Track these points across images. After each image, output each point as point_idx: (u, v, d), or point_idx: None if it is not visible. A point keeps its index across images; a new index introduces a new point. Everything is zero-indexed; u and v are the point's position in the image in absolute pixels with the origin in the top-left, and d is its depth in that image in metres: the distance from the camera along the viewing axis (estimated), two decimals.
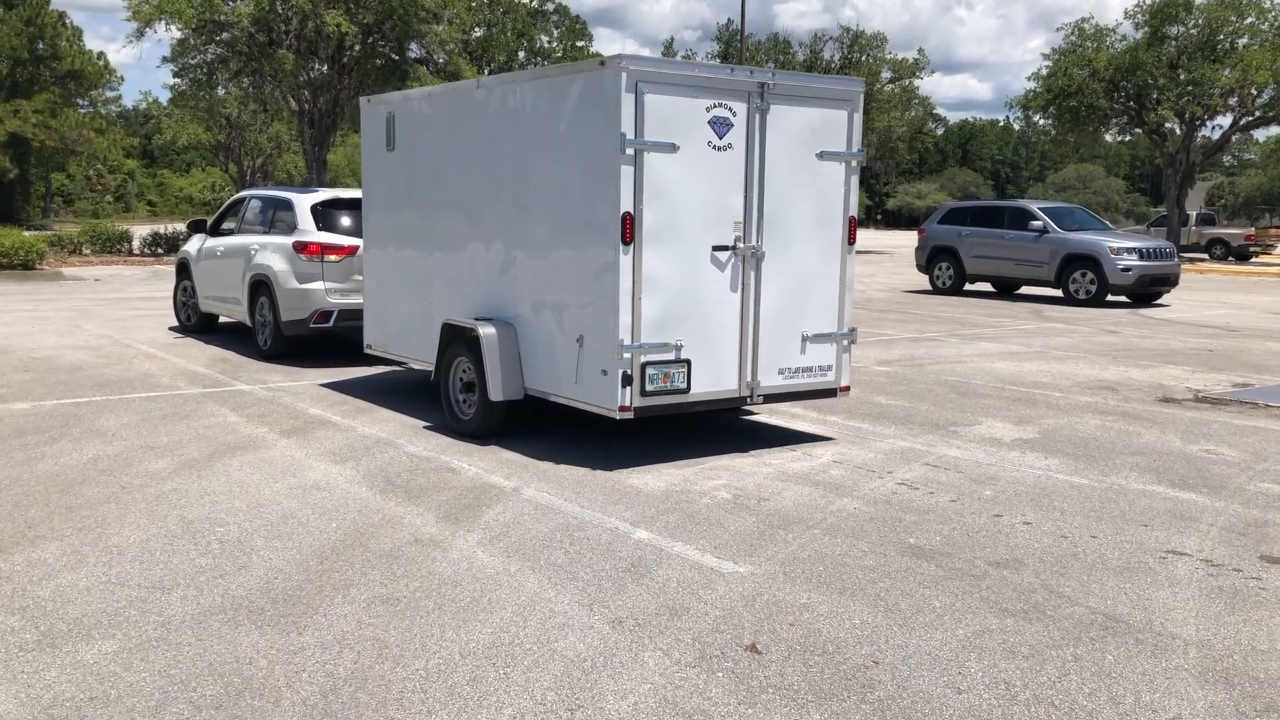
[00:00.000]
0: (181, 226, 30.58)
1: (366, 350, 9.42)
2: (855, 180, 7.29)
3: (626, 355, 6.49)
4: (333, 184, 15.53)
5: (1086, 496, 6.26)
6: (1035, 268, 19.85)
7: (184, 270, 13.50)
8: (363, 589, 4.63)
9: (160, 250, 28.31)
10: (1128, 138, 41.52)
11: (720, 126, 6.68)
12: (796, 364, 7.21)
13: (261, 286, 11.22)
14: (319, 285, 10.66)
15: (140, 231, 30.26)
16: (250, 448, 7.22)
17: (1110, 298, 19.25)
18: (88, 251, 27.33)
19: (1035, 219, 20.01)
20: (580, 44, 41.89)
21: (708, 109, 6.63)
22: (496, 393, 7.28)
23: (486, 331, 7.36)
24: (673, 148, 6.49)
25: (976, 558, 5.11)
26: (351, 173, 72.03)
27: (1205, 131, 36.60)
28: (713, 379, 6.83)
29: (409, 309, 8.73)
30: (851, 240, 7.34)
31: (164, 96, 49.52)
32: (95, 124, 54.89)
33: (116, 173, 77.65)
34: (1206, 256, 37.86)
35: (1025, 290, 21.19)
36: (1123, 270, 18.82)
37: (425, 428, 7.96)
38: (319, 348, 11.50)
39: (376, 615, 4.34)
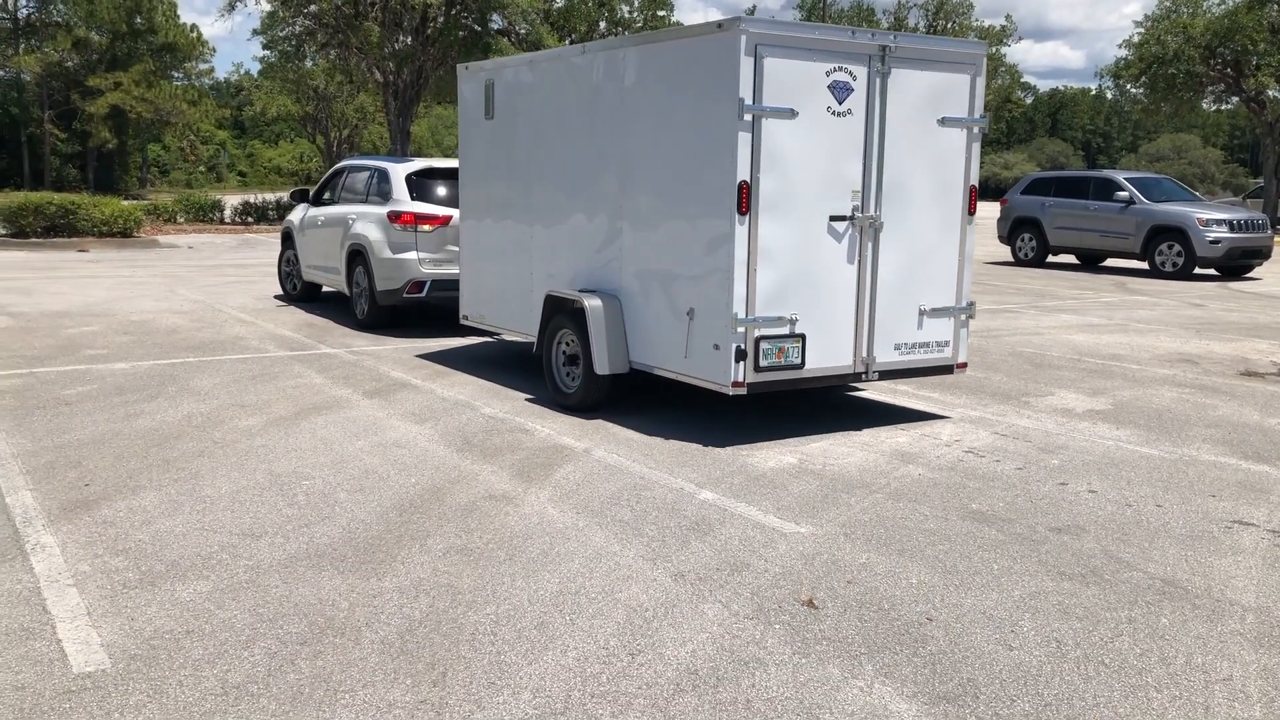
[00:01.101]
0: (270, 196, 31.44)
1: (463, 321, 9.40)
2: (977, 148, 7.05)
3: (740, 329, 6.32)
4: (416, 155, 15.79)
5: (1155, 467, 6.24)
6: (1120, 239, 19.44)
7: (288, 240, 13.59)
8: (439, 540, 4.86)
9: (250, 219, 29.12)
10: (1225, 106, 40.14)
11: (840, 91, 6.46)
12: (913, 339, 6.97)
13: (358, 256, 11.28)
14: (412, 255, 10.63)
15: (231, 201, 31.14)
16: (334, 407, 7.53)
17: (1198, 271, 18.78)
18: (181, 220, 28.23)
19: (1121, 189, 19.58)
20: (661, 14, 41.77)
21: (827, 73, 6.40)
22: (602, 366, 7.15)
23: (592, 304, 7.22)
24: (791, 113, 6.29)
25: (1038, 523, 5.16)
26: (435, 144, 72.96)
27: None
28: (827, 354, 6.64)
29: (507, 280, 8.65)
30: (972, 210, 7.08)
31: (254, 69, 50.66)
32: (189, 96, 56.34)
33: (209, 144, 79.63)
34: None
35: (1110, 263, 20.76)
36: (1211, 243, 18.34)
37: (503, 390, 8.20)
38: (415, 319, 11.61)
39: (451, 564, 4.56)
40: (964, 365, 7.26)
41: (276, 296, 13.81)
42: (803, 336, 6.50)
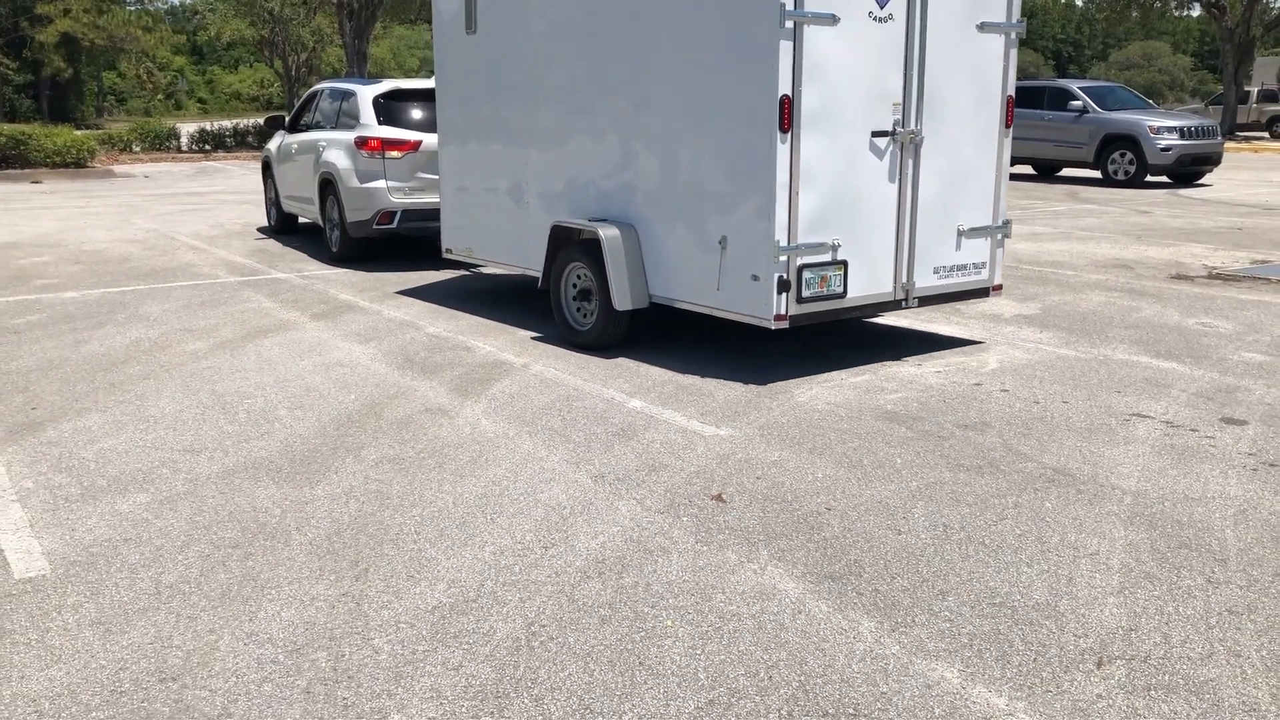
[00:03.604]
0: (228, 123, 31.02)
1: (445, 255, 8.82)
2: (1014, 54, 6.66)
3: (782, 258, 5.87)
4: (378, 77, 15.48)
5: (1069, 366, 6.51)
6: (1074, 149, 19.60)
7: (268, 169, 13.03)
8: (372, 451, 5.07)
9: (208, 147, 28.80)
10: (1188, 13, 39.99)
11: None
12: (951, 261, 6.62)
13: (328, 185, 10.73)
14: (381, 184, 10.10)
15: (189, 129, 30.73)
16: (281, 330, 7.68)
17: (1150, 178, 19.00)
18: (137, 149, 27.90)
19: (1075, 99, 19.68)
20: None
21: None
22: (623, 301, 6.64)
23: (609, 234, 6.67)
24: (833, 19, 5.81)
25: (946, 421, 5.43)
26: (397, 65, 71.65)
27: (1269, 2, 35.17)
28: (868, 281, 6.26)
29: (497, 210, 8.07)
30: (1009, 122, 6.73)
31: None
32: (143, 21, 55.03)
33: (166, 71, 77.97)
34: (1267, 135, 36.81)
35: (1065, 172, 20.94)
36: (1162, 150, 18.54)
37: (448, 311, 8.37)
38: (399, 252, 11.05)
39: (382, 473, 4.78)
40: (999, 288, 6.95)
41: (260, 229, 13.28)
42: (845, 263, 6.10)
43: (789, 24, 5.68)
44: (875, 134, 6.15)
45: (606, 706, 2.96)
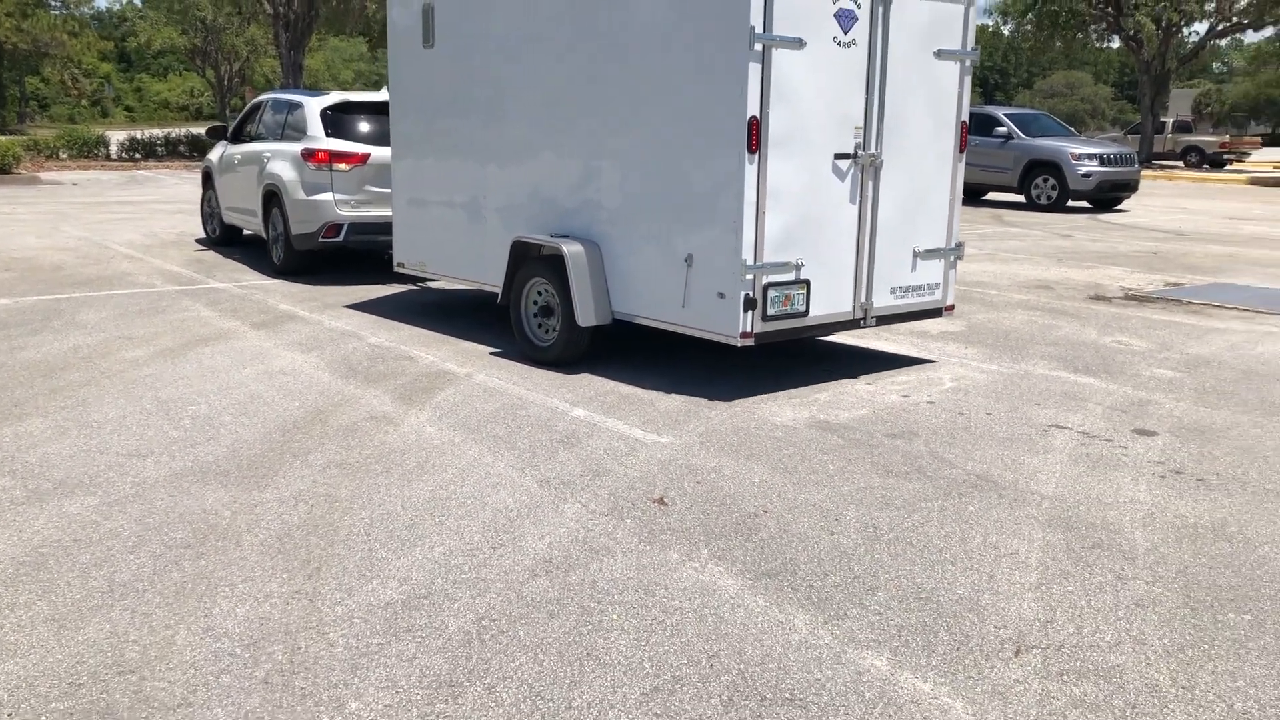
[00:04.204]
0: (159, 132, 30.59)
1: (397, 269, 8.73)
2: (969, 81, 6.87)
3: (749, 276, 5.96)
4: (311, 89, 15.42)
5: (992, 380, 6.80)
6: (999, 173, 20.21)
7: (209, 180, 12.84)
8: (319, 456, 5.15)
9: (138, 155, 28.38)
10: (1107, 45, 41.40)
11: (846, 20, 6.15)
12: (907, 282, 6.79)
13: (273, 197, 10.56)
14: (328, 196, 10.00)
15: (118, 136, 30.24)
16: (222, 339, 7.70)
17: (1071, 203, 19.67)
18: (64, 156, 27.39)
19: (1000, 125, 20.31)
20: None
21: (834, 1, 6.11)
22: (586, 317, 6.67)
23: (573, 250, 6.69)
24: (800, 43, 5.94)
25: (876, 430, 5.66)
26: (331, 78, 71.12)
27: (1184, 37, 36.58)
28: (829, 300, 6.38)
29: (454, 225, 8.03)
30: (962, 147, 6.93)
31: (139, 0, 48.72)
32: (68, 26, 53.98)
33: (92, 77, 76.51)
34: (1182, 164, 38.15)
35: (991, 196, 21.56)
36: (1083, 176, 19.22)
37: (390, 321, 8.45)
38: (336, 264, 10.98)
39: (330, 477, 4.87)
40: (951, 307, 7.13)
41: (199, 240, 13.14)
42: (807, 282, 6.22)
43: (758, 47, 5.79)
44: (838, 156, 6.30)
45: (556, 694, 3.10)
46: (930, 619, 3.56)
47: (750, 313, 6.01)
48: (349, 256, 10.89)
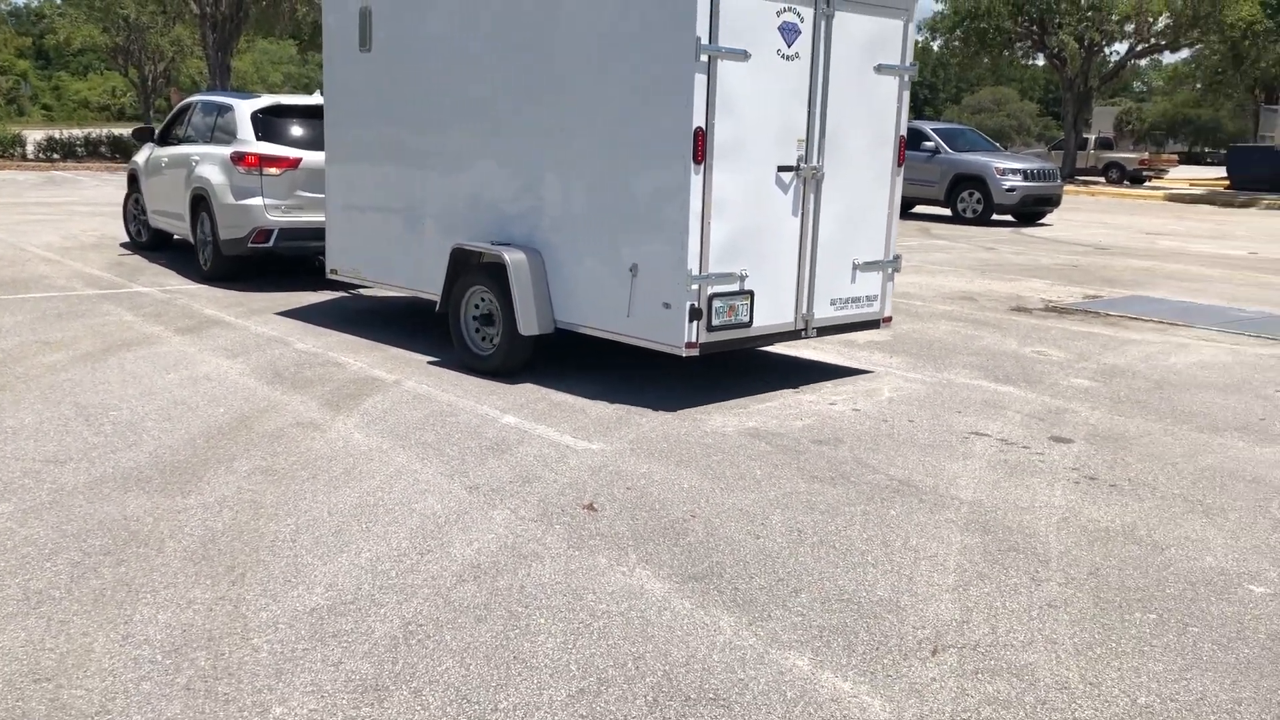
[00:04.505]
0: (79, 132, 29.90)
1: (330, 275, 8.61)
2: (907, 96, 6.96)
3: (694, 287, 5.97)
4: (239, 91, 15.05)
5: (916, 389, 6.95)
6: (927, 187, 20.60)
7: (134, 182, 12.51)
8: (244, 462, 5.10)
9: (56, 156, 27.70)
10: (1032, 62, 42.44)
11: (789, 33, 6.18)
12: (847, 294, 6.85)
13: (201, 201, 10.33)
14: (258, 201, 9.81)
15: (34, 136, 29.49)
16: (144, 344, 7.56)
17: (996, 217, 20.12)
18: None
19: (928, 140, 20.71)
20: None
21: (778, 13, 6.12)
22: (529, 326, 6.63)
23: (515, 258, 6.64)
24: (745, 55, 5.96)
25: (803, 437, 5.76)
26: (260, 79, 70.07)
27: (1106, 56, 37.65)
28: (771, 311, 6.43)
29: (391, 232, 7.93)
30: (900, 161, 7.01)
31: None
32: None
33: (8, 75, 74.49)
34: (1103, 179, 39.19)
35: (918, 209, 21.96)
36: (1007, 190, 19.68)
37: (317, 328, 8.37)
38: (266, 270, 10.74)
39: (255, 483, 4.82)
40: (889, 319, 7.22)
41: (123, 245, 12.77)
42: (751, 293, 6.25)
43: (704, 58, 5.81)
44: (781, 168, 6.33)
45: (482, 697, 3.11)
46: (851, 620, 3.64)
47: (695, 323, 6.03)
48: (280, 262, 10.70)
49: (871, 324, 7.15)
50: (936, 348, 8.29)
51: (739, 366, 7.37)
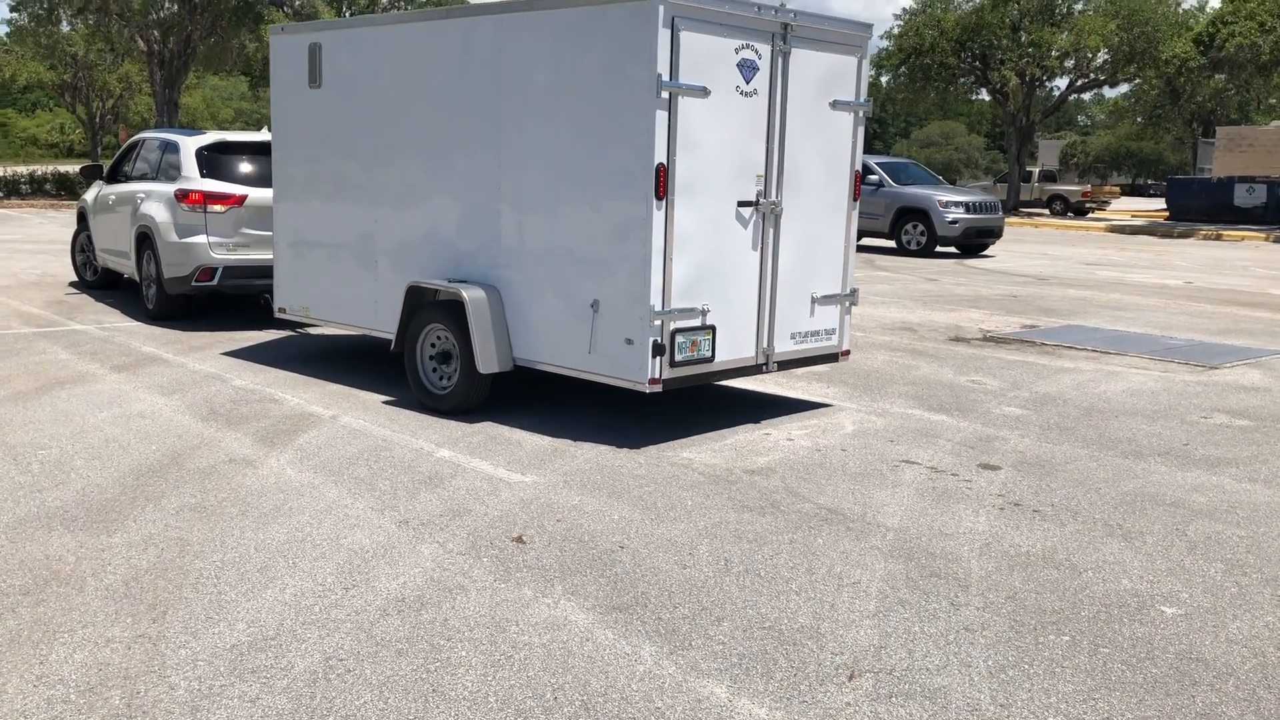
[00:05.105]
0: (23, 169, 29.55)
1: (278, 314, 8.50)
2: (862, 131, 7.03)
3: (657, 322, 5.97)
4: (188, 128, 14.88)
5: (849, 418, 7.05)
6: (872, 219, 20.86)
7: (83, 220, 12.31)
8: (173, 500, 5.07)
9: (1, 194, 27.34)
10: (975, 97, 43.31)
11: (747, 70, 6.23)
12: (806, 328, 6.89)
13: (146, 239, 10.20)
14: (202, 239, 9.68)
15: None
16: (79, 382, 7.49)
17: (940, 249, 20.44)
18: None
19: (872, 173, 21.02)
20: None
21: (736, 50, 6.16)
22: (488, 364, 6.58)
23: (473, 295, 6.58)
24: (704, 92, 6.01)
25: (735, 467, 5.82)
26: (210, 116, 69.66)
27: (1047, 91, 38.54)
28: (733, 346, 6.45)
29: (341, 269, 7.84)
30: (856, 195, 7.07)
31: (3, 31, 47.07)
32: None
33: None
34: (1048, 211, 39.95)
35: (864, 241, 22.19)
36: (950, 223, 20.02)
37: (256, 365, 8.32)
38: (214, 310, 10.63)
39: (183, 520, 4.79)
40: (847, 353, 7.27)
41: (71, 284, 12.56)
42: (713, 328, 6.27)
43: (665, 94, 5.84)
44: (741, 204, 6.37)
45: None
46: (771, 647, 3.68)
47: (658, 359, 6.02)
48: (228, 301, 10.61)
49: (830, 357, 7.20)
50: (874, 378, 8.41)
51: (676, 396, 7.43)
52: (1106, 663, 3.64)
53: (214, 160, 10.08)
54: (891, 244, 21.05)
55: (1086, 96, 55.07)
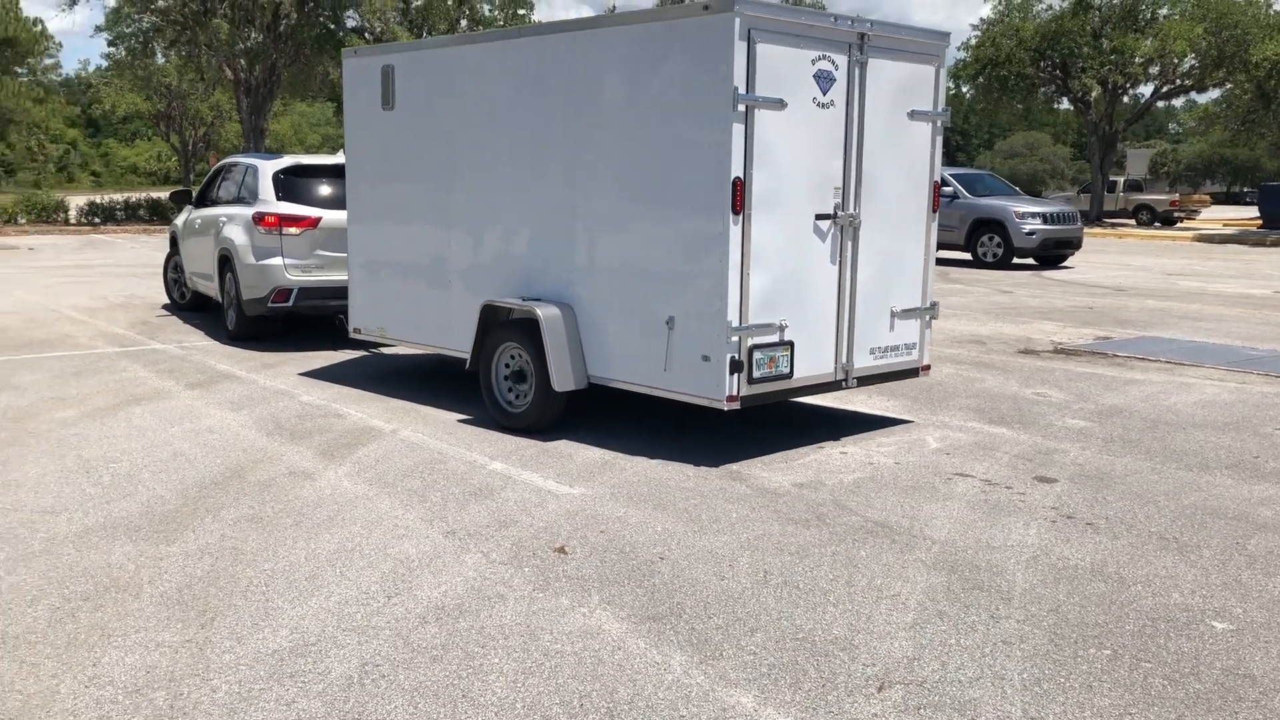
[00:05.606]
0: (119, 196, 30.71)
1: (353, 334, 8.58)
2: (940, 141, 6.95)
3: (734, 339, 5.92)
4: (278, 153, 15.28)
5: (907, 431, 6.98)
6: (947, 232, 20.55)
7: (175, 244, 12.71)
8: (232, 511, 5.23)
9: (97, 220, 28.45)
10: (1057, 106, 42.50)
11: (824, 81, 6.18)
12: (885, 342, 6.79)
13: (227, 262, 10.44)
14: (278, 261, 9.87)
15: (78, 201, 30.32)
16: (154, 398, 7.77)
17: (1017, 260, 20.09)
18: (23, 221, 27.44)
19: (946, 185, 20.76)
20: (521, 12, 42.04)
21: (813, 61, 6.11)
22: (563, 382, 6.56)
23: (548, 313, 6.60)
24: (781, 104, 5.95)
25: (784, 481, 5.80)
26: (299, 141, 71.54)
27: (1128, 99, 37.66)
28: (811, 362, 6.35)
29: (416, 289, 7.92)
30: (935, 207, 6.98)
31: (103, 64, 49.07)
32: (33, 93, 54.17)
33: (58, 143, 76.66)
34: (1134, 221, 38.98)
35: (939, 254, 21.87)
36: (1027, 234, 19.67)
37: (316, 380, 8.54)
38: (293, 331, 10.74)
39: (240, 531, 4.95)
40: (928, 368, 7.15)
41: (164, 306, 12.97)
42: (791, 344, 6.19)
43: (741, 107, 5.78)
44: (819, 216, 6.30)
45: None
46: (803, 658, 3.67)
47: (736, 375, 5.95)
48: (307, 322, 10.81)
49: (910, 373, 7.06)
50: (936, 391, 8.31)
51: (733, 416, 7.43)
52: (1147, 677, 3.56)
53: (290, 183, 10.30)
54: (967, 256, 20.74)
55: (1177, 103, 53.58)
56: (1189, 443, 6.71)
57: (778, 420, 7.22)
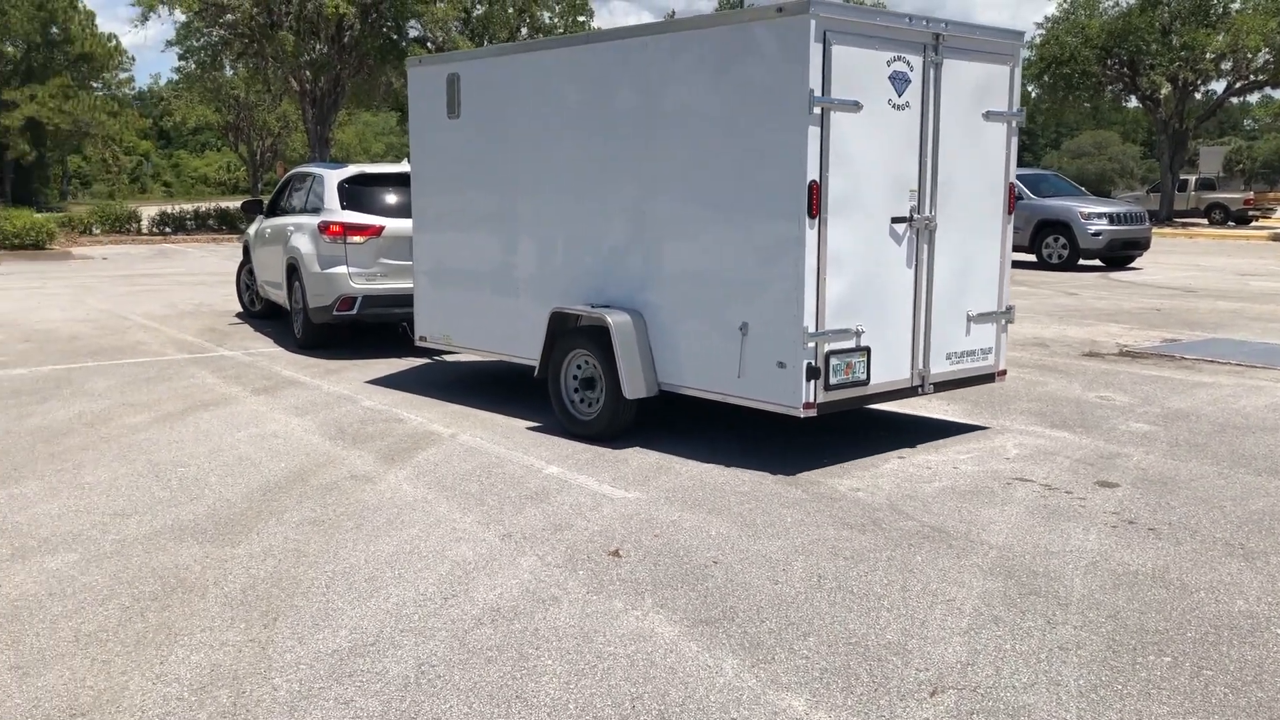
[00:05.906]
0: (189, 206, 31.45)
1: (419, 342, 8.62)
2: (1015, 142, 6.83)
3: (810, 345, 5.84)
4: (344, 162, 15.51)
5: (967, 435, 6.91)
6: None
7: (247, 253, 12.92)
8: (295, 514, 5.35)
9: (168, 229, 29.16)
10: (1125, 104, 41.71)
11: (899, 83, 6.10)
12: (961, 347, 6.68)
13: (294, 270, 10.57)
14: (342, 269, 9.95)
15: (149, 212, 31.13)
16: (221, 404, 7.95)
17: (1083, 262, 19.75)
18: (97, 231, 28.21)
19: None
20: (581, 19, 42.29)
21: (888, 63, 6.04)
22: (634, 389, 6.53)
23: (618, 320, 6.57)
24: (856, 106, 5.88)
25: (839, 484, 5.78)
26: (363, 150, 72.74)
27: (1200, 96, 36.83)
28: (888, 367, 6.26)
29: (482, 297, 7.91)
30: (1010, 209, 6.90)
31: (174, 78, 50.32)
32: (108, 107, 55.78)
33: (132, 155, 78.72)
34: (1206, 221, 38.12)
35: None
36: (1093, 235, 19.33)
37: (375, 384, 8.68)
38: (359, 338, 10.83)
39: (302, 533, 5.06)
40: (1004, 373, 7.00)
41: (236, 314, 13.09)
42: (868, 349, 6.11)
43: (816, 110, 5.72)
44: (894, 220, 6.22)
45: None
46: (855, 662, 3.67)
47: (813, 382, 5.88)
48: (373, 330, 10.94)
49: (987, 378, 6.92)
50: (996, 395, 8.21)
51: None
52: (1208, 685, 3.50)
53: (354, 192, 10.37)
54: (1031, 258, 20.43)
55: (1252, 99, 52.22)
56: (1258, 447, 6.56)
57: (837, 426, 7.19)
